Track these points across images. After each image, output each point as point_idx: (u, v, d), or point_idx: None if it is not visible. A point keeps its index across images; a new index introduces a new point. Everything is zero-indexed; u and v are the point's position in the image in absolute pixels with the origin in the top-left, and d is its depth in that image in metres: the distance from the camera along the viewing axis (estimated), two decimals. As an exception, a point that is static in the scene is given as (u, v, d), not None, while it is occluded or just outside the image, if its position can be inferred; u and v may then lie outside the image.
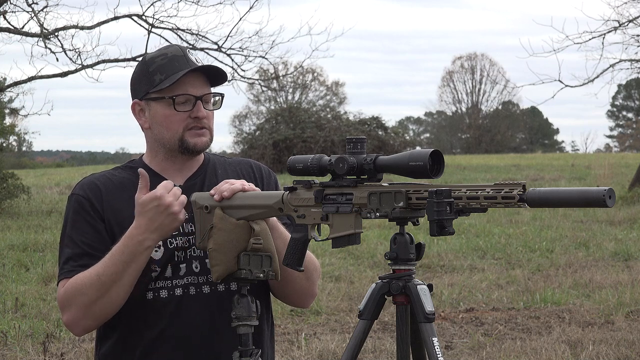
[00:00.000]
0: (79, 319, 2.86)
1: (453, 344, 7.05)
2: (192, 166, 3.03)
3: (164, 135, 2.95)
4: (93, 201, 2.92)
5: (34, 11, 16.77)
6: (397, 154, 2.56)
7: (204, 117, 2.94)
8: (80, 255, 2.88)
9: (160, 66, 2.93)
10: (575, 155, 45.22)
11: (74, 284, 2.84)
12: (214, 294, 2.92)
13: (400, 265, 2.62)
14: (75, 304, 2.84)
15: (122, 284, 2.81)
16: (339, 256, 11.02)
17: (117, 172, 3.03)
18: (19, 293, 8.88)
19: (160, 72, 2.92)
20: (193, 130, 2.94)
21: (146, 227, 2.77)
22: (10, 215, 16.94)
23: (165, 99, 2.92)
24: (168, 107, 2.93)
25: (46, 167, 46.03)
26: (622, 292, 8.75)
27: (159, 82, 2.91)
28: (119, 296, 2.82)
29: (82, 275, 2.83)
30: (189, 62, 2.93)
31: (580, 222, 14.75)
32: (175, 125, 2.93)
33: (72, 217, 2.93)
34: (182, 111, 2.92)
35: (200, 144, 2.95)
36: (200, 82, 2.95)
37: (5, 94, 20.36)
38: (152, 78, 2.93)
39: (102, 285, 2.80)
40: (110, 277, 2.79)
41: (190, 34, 17.70)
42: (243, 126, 46.51)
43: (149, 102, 2.96)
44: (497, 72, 62.00)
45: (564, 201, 2.36)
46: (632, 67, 20.82)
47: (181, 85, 2.92)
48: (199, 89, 2.94)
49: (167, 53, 2.95)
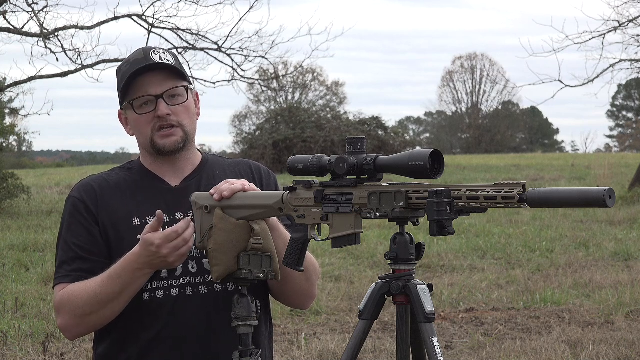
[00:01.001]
0: (72, 327, 2.89)
1: (453, 344, 7.05)
2: (188, 167, 3.03)
3: (140, 140, 2.98)
4: (88, 203, 2.93)
5: (34, 11, 16.76)
6: (397, 154, 2.56)
7: (165, 114, 2.91)
8: (73, 259, 2.90)
9: (124, 73, 2.94)
10: (575, 155, 45.21)
11: (69, 295, 2.86)
12: (210, 294, 2.92)
13: (400, 265, 2.62)
14: (69, 314, 2.87)
15: (118, 303, 2.84)
16: (339, 256, 11.02)
17: (115, 172, 3.04)
18: (19, 293, 8.88)
19: (124, 78, 2.93)
20: (161, 131, 2.93)
21: (144, 261, 2.79)
22: (10, 215, 16.93)
23: (129, 104, 2.94)
24: (134, 112, 2.94)
25: (46, 167, 46.01)
26: (622, 292, 8.75)
27: (122, 88, 2.94)
28: (113, 312, 2.86)
29: (78, 288, 2.85)
30: (148, 63, 2.91)
31: (580, 222, 14.75)
32: (144, 128, 2.94)
33: (67, 220, 2.95)
34: (144, 113, 2.92)
35: (170, 144, 2.94)
36: (162, 79, 2.93)
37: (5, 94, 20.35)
38: (120, 85, 2.96)
39: (97, 303, 2.83)
40: (107, 297, 2.82)
41: (190, 34, 17.70)
42: (243, 126, 46.54)
43: (125, 111, 2.99)
44: (497, 72, 62.03)
45: (564, 201, 2.36)
46: (632, 67, 20.82)
47: (141, 87, 2.92)
48: (159, 87, 2.92)
49: (130, 59, 2.96)
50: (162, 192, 2.98)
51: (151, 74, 2.91)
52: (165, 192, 2.98)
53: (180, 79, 2.95)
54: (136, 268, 2.79)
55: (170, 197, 2.97)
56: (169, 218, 2.95)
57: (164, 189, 2.99)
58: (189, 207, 2.93)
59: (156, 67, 2.91)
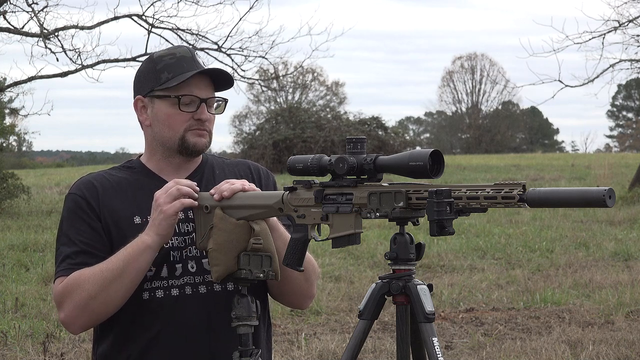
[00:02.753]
0: (75, 317, 2.85)
1: (453, 344, 7.05)
2: (190, 167, 3.03)
3: (165, 133, 2.96)
4: (89, 200, 2.92)
5: (34, 11, 16.76)
6: (397, 154, 2.56)
7: (207, 119, 2.95)
8: (77, 253, 2.88)
9: (167, 65, 2.94)
10: (575, 155, 45.22)
11: (74, 280, 2.83)
12: (210, 294, 2.92)
13: (400, 265, 2.62)
14: (73, 301, 2.83)
15: (123, 282, 2.80)
16: (339, 256, 11.02)
17: (114, 171, 3.03)
18: (19, 293, 8.88)
19: (168, 70, 2.93)
20: (195, 130, 2.95)
21: (149, 225, 2.81)
22: (10, 215, 16.94)
23: (171, 98, 2.93)
24: (172, 106, 2.93)
25: (46, 167, 46.01)
26: (622, 292, 8.75)
27: (166, 80, 2.92)
28: (117, 294, 2.82)
29: (83, 270, 2.84)
30: (196, 64, 2.95)
31: (580, 222, 14.75)
32: (178, 125, 2.94)
33: (68, 216, 2.93)
34: (186, 112, 2.93)
35: (200, 144, 2.96)
36: (206, 85, 2.97)
37: (5, 94, 20.36)
38: (158, 76, 2.94)
39: (103, 281, 2.80)
40: (112, 273, 2.80)
41: (190, 34, 17.71)
42: (243, 126, 46.53)
43: (152, 100, 2.96)
44: (497, 72, 62.04)
45: (564, 201, 2.36)
46: (632, 67, 20.83)
47: (187, 86, 2.93)
48: (204, 92, 2.95)
49: (176, 53, 2.97)
50: None
51: (199, 76, 2.94)
52: None
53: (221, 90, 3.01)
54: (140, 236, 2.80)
55: None
56: None
57: None
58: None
59: (216, 74, 2.96)
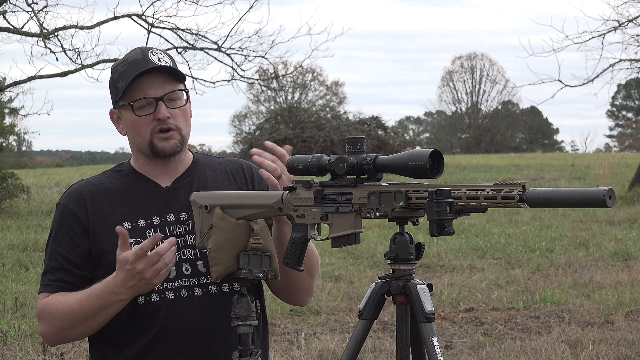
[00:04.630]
0: (51, 336, 2.93)
1: (453, 344, 7.05)
2: (180, 168, 3.02)
3: (137, 141, 2.96)
4: (77, 213, 2.93)
5: (33, 11, 16.76)
6: (397, 154, 2.55)
7: (166, 118, 2.90)
8: (57, 269, 2.92)
9: (122, 73, 2.92)
10: (575, 155, 45.19)
11: (50, 307, 2.88)
12: (206, 296, 2.91)
13: (400, 265, 2.62)
14: (49, 324, 2.90)
15: (95, 322, 2.86)
16: (339, 256, 11.02)
17: (105, 176, 3.03)
18: (19, 293, 8.88)
19: (122, 79, 2.91)
20: (160, 134, 2.91)
21: (122, 283, 2.78)
22: (10, 215, 16.94)
23: (127, 106, 2.92)
24: (132, 114, 2.92)
25: (46, 167, 45.98)
26: (622, 292, 8.75)
27: (122, 89, 2.91)
28: (90, 330, 2.88)
29: (58, 301, 2.87)
30: (148, 64, 2.90)
31: (580, 222, 14.74)
32: (143, 130, 2.92)
33: (55, 229, 2.97)
34: (144, 115, 2.90)
35: (169, 148, 2.93)
36: (162, 81, 2.92)
37: (5, 94, 20.35)
38: (116, 86, 2.93)
39: (75, 320, 2.85)
40: (84, 315, 2.84)
41: (190, 34, 17.70)
42: (243, 126, 46.55)
43: (120, 111, 2.96)
44: (497, 72, 62.02)
45: (564, 201, 2.36)
46: (632, 67, 20.82)
47: (141, 89, 2.90)
48: (159, 90, 2.91)
49: (128, 59, 2.93)
50: (153, 194, 2.97)
51: (151, 75, 2.90)
52: (156, 194, 2.97)
53: (178, 82, 2.95)
54: (114, 291, 2.78)
55: (161, 198, 2.96)
56: (161, 220, 2.94)
57: (155, 191, 2.98)
58: (181, 208, 2.93)
59: (158, 69, 2.91)
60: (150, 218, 2.93)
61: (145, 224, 2.92)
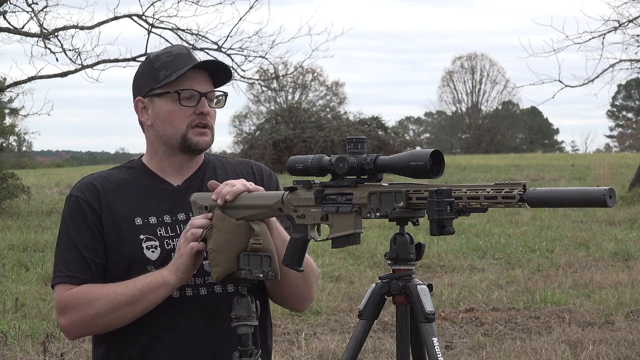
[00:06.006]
0: (77, 328, 2.87)
1: (453, 344, 7.05)
2: (192, 166, 3.02)
3: (167, 131, 2.94)
4: (91, 202, 2.91)
5: (33, 11, 16.76)
6: (397, 154, 2.55)
7: (208, 113, 2.93)
8: (77, 259, 2.87)
9: (165, 63, 2.93)
10: (575, 155, 45.21)
11: (83, 294, 2.84)
12: (211, 295, 2.91)
13: (400, 265, 2.62)
14: (79, 314, 2.84)
15: (134, 309, 2.83)
16: (339, 256, 11.02)
17: (115, 172, 3.01)
18: (19, 293, 8.88)
19: (165, 68, 2.93)
20: (196, 128, 2.93)
21: (172, 262, 2.82)
22: (10, 215, 16.93)
23: (170, 94, 2.92)
24: (172, 103, 2.92)
25: (46, 167, 46.00)
26: (622, 292, 8.75)
27: (164, 77, 2.91)
28: (125, 318, 2.85)
29: (94, 286, 2.84)
30: (193, 60, 2.95)
31: (580, 222, 14.74)
32: (179, 121, 2.92)
33: (69, 220, 2.92)
34: (187, 106, 2.92)
35: (203, 143, 2.94)
36: (204, 80, 2.96)
37: (5, 94, 20.35)
38: (156, 74, 2.93)
39: (115, 304, 2.82)
40: (125, 298, 2.81)
41: (190, 34, 17.70)
42: (243, 126, 46.54)
43: (152, 99, 2.95)
44: (497, 72, 62.03)
45: (564, 201, 2.36)
46: (632, 67, 20.82)
47: (186, 81, 2.92)
48: (203, 86, 2.94)
49: (172, 51, 2.96)
50: (164, 192, 2.97)
51: (197, 71, 2.94)
52: (167, 192, 2.97)
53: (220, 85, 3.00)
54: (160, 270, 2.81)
55: (172, 197, 2.96)
56: (171, 218, 2.94)
57: (167, 189, 2.97)
58: (191, 207, 2.93)
59: (212, 64, 2.96)
60: (161, 216, 2.93)
61: (156, 221, 2.92)
